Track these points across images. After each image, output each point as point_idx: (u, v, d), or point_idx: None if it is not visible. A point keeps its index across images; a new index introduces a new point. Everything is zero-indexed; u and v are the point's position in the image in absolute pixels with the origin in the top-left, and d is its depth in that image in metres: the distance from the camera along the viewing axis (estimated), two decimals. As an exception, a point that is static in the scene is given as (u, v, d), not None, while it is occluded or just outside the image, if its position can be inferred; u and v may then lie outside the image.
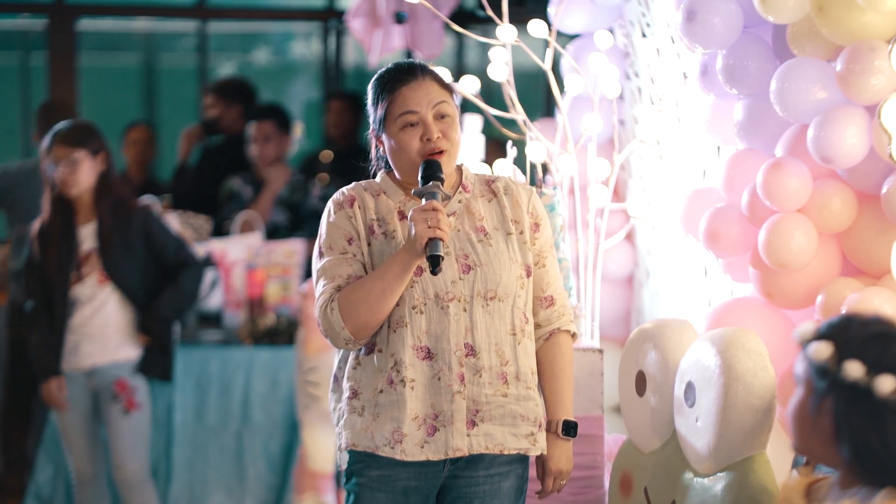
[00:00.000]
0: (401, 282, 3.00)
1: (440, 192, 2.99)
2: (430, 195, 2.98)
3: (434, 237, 2.93)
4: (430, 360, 3.04)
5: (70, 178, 5.06)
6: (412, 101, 3.07)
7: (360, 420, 3.07)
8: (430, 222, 2.93)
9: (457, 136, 3.10)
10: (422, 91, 3.08)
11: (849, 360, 2.38)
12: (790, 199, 3.49)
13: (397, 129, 3.08)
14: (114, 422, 5.16)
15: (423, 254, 2.94)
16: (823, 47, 3.47)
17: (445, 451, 3.05)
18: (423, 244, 2.93)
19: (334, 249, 3.09)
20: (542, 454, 3.15)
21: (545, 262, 3.17)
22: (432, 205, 2.95)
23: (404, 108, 3.07)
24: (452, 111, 3.10)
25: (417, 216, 2.94)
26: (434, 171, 3.02)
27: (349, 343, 3.05)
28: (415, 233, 2.94)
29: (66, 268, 5.10)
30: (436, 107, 3.07)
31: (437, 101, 3.08)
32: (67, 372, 5.16)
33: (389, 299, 3.01)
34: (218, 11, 8.86)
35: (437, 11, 4.31)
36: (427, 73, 3.11)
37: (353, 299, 3.01)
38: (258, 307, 6.12)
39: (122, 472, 5.21)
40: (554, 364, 3.18)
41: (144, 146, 7.58)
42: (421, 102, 3.07)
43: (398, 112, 3.07)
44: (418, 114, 3.06)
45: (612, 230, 4.35)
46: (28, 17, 9.38)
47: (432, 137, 3.05)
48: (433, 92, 3.09)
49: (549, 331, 3.18)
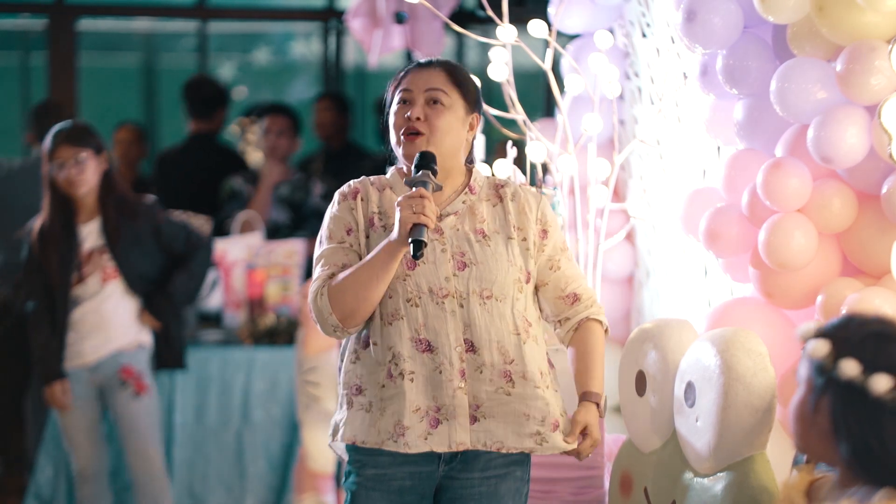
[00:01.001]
0: (387, 269, 3.01)
1: (431, 181, 3.02)
2: (420, 184, 3.01)
3: (419, 223, 2.95)
4: (431, 353, 3.05)
5: (79, 178, 5.07)
6: (411, 82, 3.13)
7: (367, 416, 3.07)
8: (415, 208, 2.96)
9: (442, 126, 3.10)
10: (424, 75, 3.13)
11: (845, 359, 2.38)
12: (790, 199, 3.49)
13: (394, 109, 3.14)
14: (126, 408, 5.16)
15: (407, 239, 2.96)
16: (823, 47, 3.47)
17: (449, 443, 3.04)
18: (408, 229, 2.95)
19: (333, 238, 3.14)
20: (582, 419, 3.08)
21: (559, 265, 3.17)
22: (420, 192, 2.98)
23: (403, 86, 3.14)
24: (449, 102, 3.11)
25: (404, 203, 2.98)
26: (427, 162, 3.05)
27: (337, 330, 3.07)
28: (400, 218, 2.97)
29: (67, 268, 5.10)
30: (429, 91, 3.11)
31: (432, 86, 3.11)
32: (71, 370, 5.15)
33: (376, 286, 3.02)
34: (218, 11, 8.85)
35: (437, 11, 4.31)
36: (441, 64, 3.16)
37: (342, 286, 3.04)
38: (258, 307, 6.12)
39: (143, 460, 5.19)
40: (586, 345, 3.16)
41: (130, 146, 7.60)
42: (418, 83, 3.12)
43: (397, 91, 3.14)
44: (411, 93, 3.11)
45: (612, 230, 4.35)
46: (28, 17, 9.38)
47: (412, 116, 3.09)
48: (434, 78, 3.12)
49: (577, 321, 3.17)
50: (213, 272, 6.12)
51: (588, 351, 3.16)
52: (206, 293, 6.15)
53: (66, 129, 5.16)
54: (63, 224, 5.13)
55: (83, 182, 5.09)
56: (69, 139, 5.09)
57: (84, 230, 5.15)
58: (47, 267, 5.11)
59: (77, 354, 5.15)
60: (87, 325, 5.15)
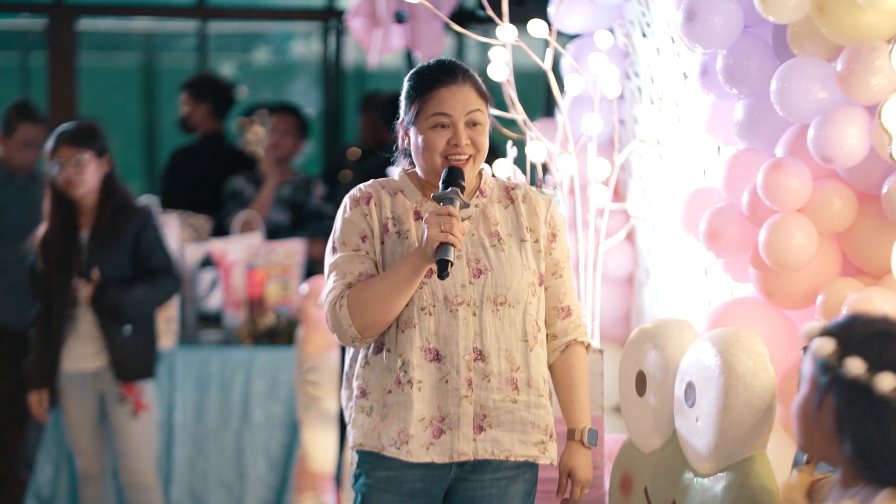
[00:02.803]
0: (410, 284, 3.00)
1: (458, 198, 3.00)
2: (448, 200, 2.99)
3: (446, 242, 2.93)
4: (439, 362, 3.05)
5: (77, 179, 5.04)
6: (447, 104, 3.07)
7: (368, 420, 3.08)
8: (443, 227, 2.94)
9: (484, 144, 3.10)
10: (459, 96, 3.08)
11: (850, 357, 2.38)
12: (790, 199, 3.49)
13: (427, 127, 3.08)
14: (123, 425, 5.14)
15: (433, 257, 2.95)
16: (824, 47, 3.47)
17: (450, 454, 3.05)
18: (434, 248, 2.94)
19: (347, 245, 3.10)
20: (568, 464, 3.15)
21: (562, 273, 3.17)
22: (448, 209, 2.96)
23: (438, 108, 3.07)
24: (484, 120, 3.11)
25: (432, 219, 2.95)
26: (455, 178, 3.02)
27: (355, 341, 3.06)
28: (427, 236, 2.95)
29: (67, 272, 5.08)
30: (469, 114, 3.08)
31: (471, 109, 3.08)
32: (73, 372, 5.13)
33: (398, 300, 3.01)
34: (218, 11, 8.85)
35: (437, 11, 4.30)
36: (468, 78, 3.11)
37: (363, 298, 3.02)
38: (258, 307, 6.12)
39: (133, 475, 5.19)
40: (572, 373, 3.18)
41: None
42: (456, 107, 3.07)
43: (431, 111, 3.08)
44: (451, 117, 3.07)
45: (612, 230, 4.35)
46: (28, 16, 9.37)
47: (460, 143, 3.06)
48: (469, 98, 3.09)
49: (565, 342, 3.19)
50: (213, 272, 6.12)
51: (574, 380, 3.19)
52: (205, 293, 6.13)
53: (69, 129, 5.13)
54: (63, 227, 5.09)
55: (81, 183, 5.05)
56: (71, 139, 5.07)
57: (85, 234, 5.12)
58: (47, 270, 5.09)
59: (78, 358, 5.13)
60: (88, 333, 5.12)
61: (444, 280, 3.00)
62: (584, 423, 3.16)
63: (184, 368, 5.85)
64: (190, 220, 6.48)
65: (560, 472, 3.16)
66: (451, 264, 2.94)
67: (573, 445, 3.16)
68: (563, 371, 3.19)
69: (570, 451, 3.16)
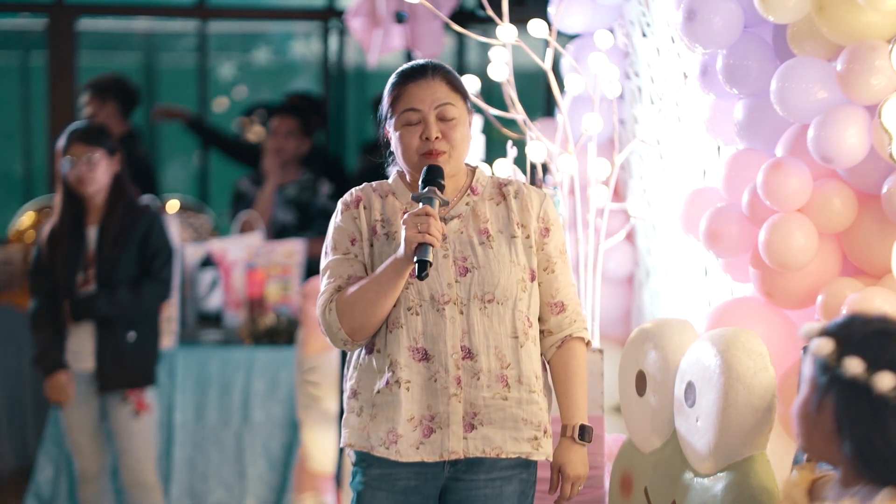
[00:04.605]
0: (394, 285, 3.01)
1: (437, 197, 2.99)
2: (427, 200, 2.99)
3: (423, 242, 2.93)
4: (427, 361, 3.05)
5: (88, 176, 5.06)
6: (416, 99, 3.08)
7: (357, 420, 3.10)
8: (420, 227, 2.94)
9: (459, 138, 3.09)
10: (427, 90, 3.08)
11: (849, 357, 2.38)
12: (790, 199, 3.49)
13: (400, 124, 3.09)
14: (124, 425, 5.14)
15: (412, 258, 2.95)
16: (824, 47, 3.47)
17: (441, 452, 3.05)
18: (412, 249, 2.94)
19: (338, 249, 3.13)
20: (558, 460, 3.14)
21: (554, 268, 3.16)
22: (425, 210, 2.96)
23: (407, 104, 3.08)
24: (458, 113, 3.10)
25: (409, 221, 2.96)
26: (434, 177, 3.02)
27: (347, 343, 3.07)
28: (405, 237, 2.95)
29: (73, 269, 5.09)
30: (439, 108, 3.07)
31: (441, 102, 3.08)
32: (74, 371, 5.14)
33: (384, 302, 3.02)
34: (218, 11, 8.85)
35: (437, 11, 4.30)
36: (438, 73, 3.11)
37: (350, 301, 3.03)
38: (258, 307, 6.12)
39: (134, 474, 5.18)
40: (567, 369, 3.16)
41: None
42: (424, 100, 3.07)
43: (402, 108, 3.09)
44: (420, 112, 3.07)
45: (612, 230, 4.35)
46: (28, 16, 9.37)
47: (431, 137, 3.06)
48: (439, 92, 3.08)
49: (560, 338, 3.17)
50: (213, 272, 6.12)
51: (570, 376, 3.16)
52: (205, 293, 6.12)
53: (81, 127, 5.18)
54: (72, 224, 5.12)
55: (93, 181, 5.08)
56: (83, 137, 5.10)
57: (92, 232, 5.13)
58: (53, 266, 5.10)
59: (80, 357, 5.13)
60: (87, 330, 5.12)
61: (429, 279, 3.00)
62: (577, 420, 3.14)
63: (184, 368, 5.85)
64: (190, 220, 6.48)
65: (551, 468, 3.15)
66: (429, 264, 2.94)
67: (565, 441, 3.15)
68: (558, 367, 3.17)
69: (561, 448, 3.15)
